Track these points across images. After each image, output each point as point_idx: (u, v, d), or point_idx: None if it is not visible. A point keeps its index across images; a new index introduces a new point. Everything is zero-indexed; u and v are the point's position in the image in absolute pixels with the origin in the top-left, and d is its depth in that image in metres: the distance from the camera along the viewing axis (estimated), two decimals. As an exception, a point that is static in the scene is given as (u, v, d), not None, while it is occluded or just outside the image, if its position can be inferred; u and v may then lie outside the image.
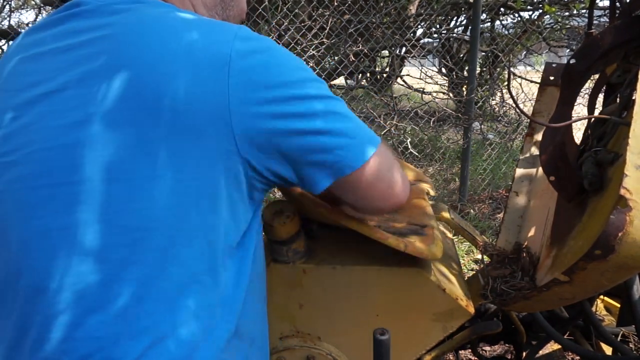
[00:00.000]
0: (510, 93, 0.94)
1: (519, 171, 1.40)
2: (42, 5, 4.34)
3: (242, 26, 0.75)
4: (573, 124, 0.99)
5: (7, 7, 3.78)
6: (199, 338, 0.72)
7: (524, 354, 1.40)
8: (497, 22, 5.82)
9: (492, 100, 6.14)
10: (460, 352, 1.81)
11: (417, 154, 4.32)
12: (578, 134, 1.16)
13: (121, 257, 0.68)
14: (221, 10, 0.91)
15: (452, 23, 6.06)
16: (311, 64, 4.33)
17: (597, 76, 1.14)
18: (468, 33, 5.10)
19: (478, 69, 5.06)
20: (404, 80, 5.20)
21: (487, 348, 2.09)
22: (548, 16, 5.44)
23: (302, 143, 0.74)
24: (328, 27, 3.91)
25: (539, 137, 1.39)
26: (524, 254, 1.17)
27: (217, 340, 0.74)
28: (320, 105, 0.75)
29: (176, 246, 0.70)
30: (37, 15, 4.53)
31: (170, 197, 0.69)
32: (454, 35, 5.83)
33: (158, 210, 0.69)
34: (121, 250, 0.68)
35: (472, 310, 1.06)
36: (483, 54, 5.50)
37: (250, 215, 0.79)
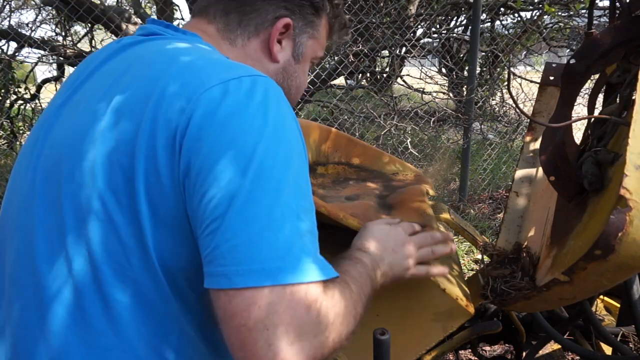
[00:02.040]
0: (510, 93, 0.94)
1: (519, 171, 1.40)
2: (42, 5, 4.34)
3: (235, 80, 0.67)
4: (573, 124, 0.99)
5: (7, 7, 3.78)
6: None
7: (524, 354, 1.40)
8: (497, 22, 5.82)
9: (492, 100, 6.15)
10: (460, 352, 1.81)
11: (417, 154, 4.32)
12: (578, 134, 1.16)
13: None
14: (282, 79, 0.89)
15: (452, 23, 6.06)
16: (311, 64, 4.32)
17: (597, 76, 1.14)
18: (468, 33, 5.10)
19: (478, 69, 5.06)
20: (404, 80, 5.20)
21: (487, 348, 2.09)
22: (548, 16, 5.44)
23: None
24: (328, 27, 3.91)
25: (539, 137, 1.39)
26: (524, 254, 1.17)
27: None
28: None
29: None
30: (37, 15, 4.53)
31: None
32: (454, 35, 5.83)
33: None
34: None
35: (472, 310, 1.06)
36: (483, 54, 5.50)
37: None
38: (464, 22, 5.97)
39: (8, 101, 4.20)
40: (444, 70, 6.13)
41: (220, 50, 0.82)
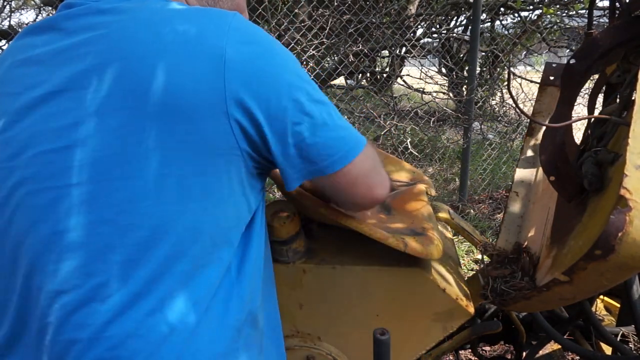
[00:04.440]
0: (510, 93, 0.94)
1: (519, 171, 1.40)
2: (42, 5, 4.34)
3: (236, 13, 0.76)
4: (573, 124, 0.99)
5: (7, 7, 3.78)
6: (202, 326, 0.72)
7: (524, 354, 1.40)
8: (497, 22, 5.82)
9: (492, 100, 6.14)
10: (460, 352, 1.81)
11: (417, 154, 4.32)
12: (578, 134, 1.16)
13: (127, 257, 0.69)
14: (212, 2, 0.93)
15: (452, 23, 6.06)
16: (311, 64, 4.33)
17: (597, 76, 1.14)
18: (468, 33, 5.10)
19: (478, 69, 5.06)
20: (404, 80, 5.20)
21: (487, 348, 2.09)
22: (548, 16, 5.44)
23: (290, 143, 0.76)
24: (328, 27, 3.91)
25: (539, 137, 1.39)
26: (524, 254, 1.17)
27: (225, 329, 0.75)
28: (310, 109, 0.76)
29: (182, 242, 0.70)
30: (37, 15, 4.53)
31: (172, 193, 0.69)
32: (454, 35, 5.83)
33: (161, 206, 0.69)
34: (127, 249, 0.69)
35: (472, 310, 1.06)
36: (483, 54, 5.50)
37: (254, 203, 0.81)
38: (464, 22, 5.96)
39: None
40: (444, 70, 6.13)
41: None
